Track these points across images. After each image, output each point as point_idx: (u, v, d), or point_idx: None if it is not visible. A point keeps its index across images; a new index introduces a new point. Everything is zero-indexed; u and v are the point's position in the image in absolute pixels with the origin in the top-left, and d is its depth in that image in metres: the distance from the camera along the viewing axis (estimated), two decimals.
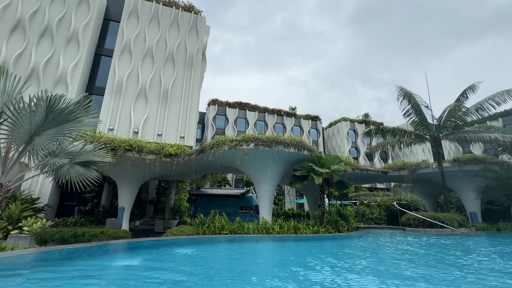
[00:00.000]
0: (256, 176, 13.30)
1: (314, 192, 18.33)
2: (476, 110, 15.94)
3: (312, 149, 13.52)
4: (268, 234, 10.62)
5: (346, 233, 12.28)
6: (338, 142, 44.84)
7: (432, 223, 13.66)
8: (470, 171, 16.37)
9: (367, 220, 20.13)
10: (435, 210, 22.07)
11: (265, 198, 13.26)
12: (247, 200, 18.08)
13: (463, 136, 16.18)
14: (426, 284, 4.08)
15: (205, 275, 4.42)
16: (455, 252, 7.57)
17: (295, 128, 41.54)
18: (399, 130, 18.45)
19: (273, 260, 6.35)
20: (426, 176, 17.94)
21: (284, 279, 4.16)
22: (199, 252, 7.06)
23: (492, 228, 14.99)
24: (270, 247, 8.39)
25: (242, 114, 38.67)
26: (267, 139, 12.04)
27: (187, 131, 18.45)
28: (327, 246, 8.58)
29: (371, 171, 17.95)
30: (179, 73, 19.55)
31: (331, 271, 4.96)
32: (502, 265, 5.88)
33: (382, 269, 5.27)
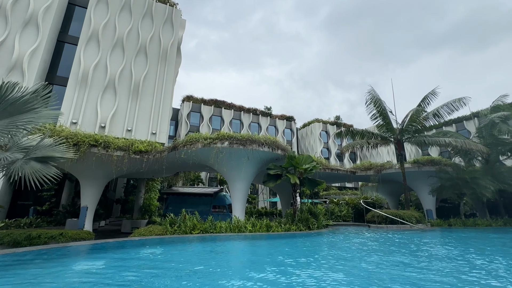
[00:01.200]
0: (230, 174, 13.23)
1: (287, 191, 18.71)
2: (433, 115, 17.39)
3: (285, 148, 13.78)
4: (241, 233, 10.63)
5: (316, 230, 12.72)
6: (311, 143, 46.24)
7: (394, 219, 14.68)
8: (427, 172, 17.86)
9: (336, 218, 21.04)
10: (397, 208, 23.75)
11: (239, 196, 13.25)
12: (221, 199, 17.93)
13: (422, 140, 17.59)
14: (378, 269, 4.39)
15: (174, 275, 4.30)
16: (409, 245, 8.22)
17: (270, 127, 42.02)
18: (367, 133, 19.55)
19: (242, 259, 6.38)
20: (389, 176, 19.21)
21: (251, 278, 4.20)
22: (168, 252, 6.86)
23: (444, 224, 16.50)
24: (241, 246, 8.41)
25: (217, 112, 38.20)
26: (242, 137, 12.03)
27: (159, 127, 17.78)
28: (297, 243, 8.81)
29: (341, 171, 18.79)
30: (151, 66, 18.74)
31: (297, 266, 5.11)
32: (444, 253, 6.52)
33: (347, 262, 5.55)
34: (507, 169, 17.95)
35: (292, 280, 4.08)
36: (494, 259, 6.13)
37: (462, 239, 10.76)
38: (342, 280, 4.15)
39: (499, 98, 19.02)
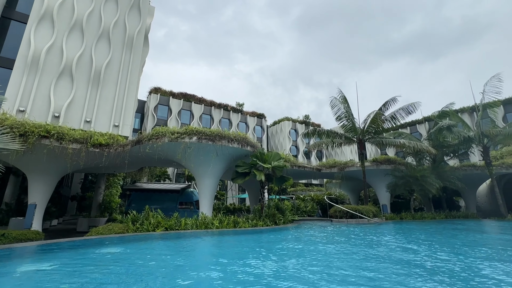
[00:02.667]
0: (197, 170, 12.98)
1: (255, 187, 18.93)
2: (391, 118, 18.85)
3: (255, 145, 13.90)
4: (207, 229, 10.52)
5: (283, 225, 13.10)
6: (281, 140, 47.24)
7: (354, 214, 15.70)
8: (384, 170, 19.37)
9: (301, 213, 21.85)
10: (357, 203, 25.41)
11: (206, 193, 13.08)
12: (188, 195, 17.52)
13: (381, 140, 19.02)
14: (338, 254, 4.72)
15: (133, 275, 4.12)
16: (361, 236, 8.91)
17: (241, 124, 41.99)
18: (332, 132, 20.56)
19: (205, 255, 6.34)
20: (352, 173, 20.47)
21: (212, 275, 4.20)
22: (128, 251, 6.53)
23: (397, 217, 18.10)
24: (206, 242, 8.33)
25: (187, 106, 37.07)
26: (211, 133, 11.86)
27: (123, 119, 16.71)
28: (262, 238, 8.99)
29: (308, 168, 19.52)
30: (115, 54, 17.47)
31: (260, 258, 5.23)
32: (383, 241, 7.21)
33: (308, 255, 5.83)
34: (450, 169, 20.24)
35: (255, 273, 4.17)
36: (422, 243, 6.94)
37: (405, 230, 11.91)
38: (299, 265, 4.36)
39: (446, 105, 21.30)
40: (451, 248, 6.89)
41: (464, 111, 36.30)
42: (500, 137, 18.46)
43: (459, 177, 19.24)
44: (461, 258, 5.49)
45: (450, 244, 7.73)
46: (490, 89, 18.29)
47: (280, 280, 3.80)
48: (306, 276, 4.01)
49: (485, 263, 5.03)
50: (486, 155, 18.93)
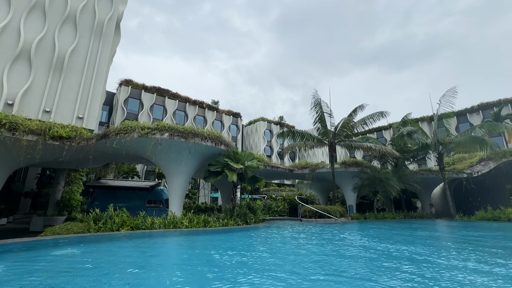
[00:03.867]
0: (168, 168, 12.58)
1: (228, 187, 18.82)
2: (360, 124, 19.91)
3: (229, 144, 13.82)
4: (176, 229, 10.25)
5: (254, 224, 13.19)
6: (256, 140, 47.51)
7: (322, 214, 16.32)
8: (351, 172, 20.38)
9: (273, 213, 22.18)
10: (326, 204, 26.42)
11: (177, 191, 12.73)
12: (157, 194, 16.91)
13: (350, 144, 20.01)
14: (305, 248, 4.89)
15: (93, 278, 3.88)
16: (325, 234, 9.32)
17: (216, 122, 41.47)
18: (306, 134, 21.19)
19: (168, 255, 6.17)
20: (322, 175, 21.24)
21: (174, 276, 4.12)
22: (87, 252, 6.12)
23: (361, 217, 19.15)
24: (172, 242, 8.11)
25: (160, 101, 35.70)
26: (184, 130, 11.56)
27: (88, 111, 15.60)
28: (233, 237, 8.98)
29: (280, 169, 19.87)
30: (82, 41, 16.25)
31: (231, 256, 5.23)
32: (348, 240, 7.65)
33: (276, 251, 5.95)
34: (409, 172, 21.90)
35: (222, 269, 4.15)
36: (373, 239, 7.47)
37: (364, 228, 12.65)
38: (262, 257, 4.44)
39: (406, 115, 23.04)
40: (393, 241, 7.49)
41: (424, 120, 39.50)
42: (452, 145, 20.39)
43: (417, 180, 20.90)
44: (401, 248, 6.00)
45: (393, 238, 8.37)
46: (446, 101, 20.12)
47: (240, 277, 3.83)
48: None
49: (409, 248, 5.55)
50: (440, 161, 20.78)
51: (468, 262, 5.16)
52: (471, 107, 38.18)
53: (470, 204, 23.88)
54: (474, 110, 37.91)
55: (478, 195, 22.72)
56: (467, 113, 38.46)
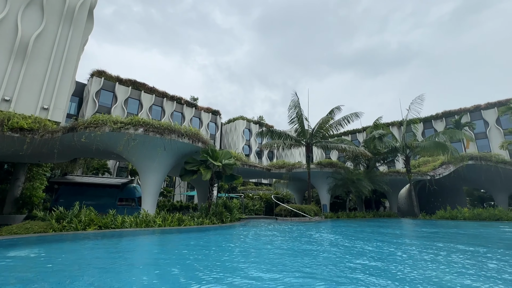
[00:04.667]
0: (141, 164, 12.13)
1: (204, 185, 18.56)
2: (336, 125, 20.63)
3: (206, 141, 13.63)
4: (149, 228, 9.90)
5: (229, 223, 13.13)
6: (234, 139, 47.33)
7: (297, 213, 16.68)
8: (326, 172, 21.06)
9: (249, 212, 22.26)
10: (301, 203, 27.04)
11: (150, 189, 12.32)
12: (129, 191, 16.20)
13: (326, 145, 20.65)
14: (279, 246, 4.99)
15: (54, 280, 3.62)
16: (301, 232, 9.58)
17: (194, 119, 40.66)
18: (284, 134, 21.52)
19: (138, 255, 5.95)
20: (298, 174, 21.71)
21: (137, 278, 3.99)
22: (48, 253, 5.71)
23: (334, 216, 19.88)
24: (143, 241, 7.84)
25: (135, 95, 34.23)
26: (160, 125, 11.20)
27: (54, 102, 14.53)
28: (208, 236, 8.87)
29: (258, 168, 19.98)
30: (50, 25, 15.09)
31: (204, 255, 5.17)
32: (316, 237, 7.95)
33: (249, 248, 5.99)
34: (379, 174, 23.10)
35: (193, 269, 4.09)
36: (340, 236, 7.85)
37: (334, 226, 13.19)
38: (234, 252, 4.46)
39: (377, 119, 24.30)
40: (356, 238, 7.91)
41: (394, 124, 41.83)
42: (418, 149, 21.84)
43: (386, 181, 22.11)
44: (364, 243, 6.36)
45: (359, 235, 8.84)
46: (414, 108, 21.51)
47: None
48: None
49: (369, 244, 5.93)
50: (407, 163, 22.18)
51: (411, 252, 6.30)
52: (436, 114, 41.15)
53: (432, 204, 25.76)
54: (439, 117, 40.90)
55: (439, 196, 24.58)
56: (432, 119, 41.39)
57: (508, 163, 20.51)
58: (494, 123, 36.03)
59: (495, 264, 4.77)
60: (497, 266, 4.62)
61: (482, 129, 36.78)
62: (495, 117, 35.86)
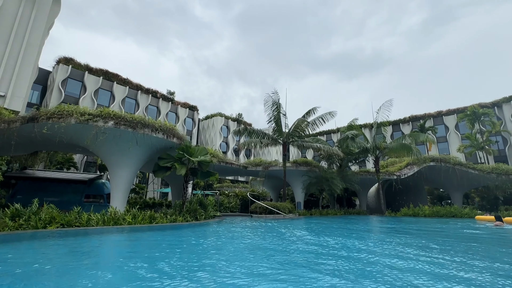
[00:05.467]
0: (111, 159, 11.54)
1: (179, 182, 18.10)
2: (312, 124, 21.17)
3: (182, 137, 13.30)
4: (117, 226, 9.46)
5: (204, 221, 12.97)
6: (212, 135, 46.72)
7: (272, 210, 16.92)
8: (301, 171, 21.58)
9: (224, 209, 22.17)
10: (277, 200, 27.47)
11: (121, 185, 11.77)
12: (98, 187, 15.35)
13: (302, 144, 21.15)
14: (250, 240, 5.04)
15: (5, 284, 3.32)
16: (269, 228, 9.77)
17: (170, 114, 39.44)
18: (262, 133, 21.66)
19: (103, 255, 5.68)
20: (275, 172, 22.00)
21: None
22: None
23: (308, 213, 20.46)
24: (111, 240, 7.49)
25: (107, 86, 32.36)
26: (132, 119, 10.72)
27: (13, 89, 13.29)
28: (181, 234, 8.69)
29: (234, 165, 19.93)
30: (9, 5, 13.73)
31: (177, 253, 5.06)
32: (282, 233, 8.19)
33: (223, 245, 5.97)
34: (351, 173, 24.16)
35: (160, 267, 3.99)
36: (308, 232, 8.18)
37: (307, 223, 13.64)
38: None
39: (352, 120, 25.38)
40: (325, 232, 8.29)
41: (366, 126, 43.87)
42: (387, 150, 23.16)
43: (357, 180, 23.19)
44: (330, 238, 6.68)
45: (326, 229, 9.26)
46: (383, 111, 22.75)
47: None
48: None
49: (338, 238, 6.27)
50: (376, 163, 23.43)
51: (367, 243, 7.26)
52: (404, 118, 43.88)
53: (398, 202, 27.46)
54: (406, 121, 43.66)
55: (404, 195, 26.27)
56: (400, 123, 44.09)
57: (464, 165, 22.48)
58: (453, 128, 39.25)
59: (430, 255, 5.28)
60: (434, 255, 5.24)
61: (443, 133, 39.94)
62: (454, 122, 39.07)
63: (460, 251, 6.06)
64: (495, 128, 28.84)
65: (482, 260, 5.08)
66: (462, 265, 4.51)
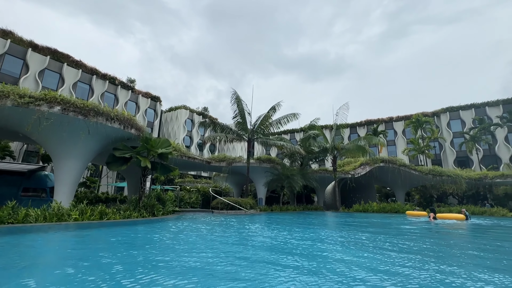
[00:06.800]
0: (56, 149, 10.41)
1: (136, 176, 17.04)
2: (277, 123, 21.67)
3: (141, 128, 12.57)
4: (61, 222, 8.59)
5: (161, 216, 12.47)
6: (175, 128, 44.94)
7: (233, 206, 16.97)
8: (264, 168, 21.99)
9: (185, 204, 21.58)
10: (239, 196, 27.60)
11: (67, 178, 10.70)
12: (39, 180, 13.70)
13: (266, 141, 21.53)
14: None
15: None
16: (229, 224, 9.86)
17: (130, 103, 36.84)
18: (227, 127, 21.50)
19: (40, 254, 5.14)
20: (238, 168, 22.04)
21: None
22: None
23: (268, 209, 20.97)
24: (51, 238, 6.79)
25: (55, 67, 28.91)
26: (84, 105, 9.78)
27: None
28: (131, 230, 8.23)
29: (197, 160, 19.46)
30: None
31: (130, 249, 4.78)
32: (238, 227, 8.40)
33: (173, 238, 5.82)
34: (311, 171, 25.37)
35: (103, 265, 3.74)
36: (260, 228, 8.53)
37: (266, 218, 14.07)
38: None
39: (313, 120, 26.63)
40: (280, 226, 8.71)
41: (327, 127, 46.37)
42: (344, 151, 24.81)
43: (316, 178, 24.44)
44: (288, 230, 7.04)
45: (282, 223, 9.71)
46: (341, 114, 24.30)
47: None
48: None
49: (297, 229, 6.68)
50: (334, 163, 24.96)
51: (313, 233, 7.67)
52: (360, 122, 47.47)
53: (351, 199, 29.67)
54: (362, 125, 47.29)
55: (356, 192, 28.46)
56: (357, 126, 47.59)
57: (407, 167, 25.17)
58: (401, 133, 43.67)
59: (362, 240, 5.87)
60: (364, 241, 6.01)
61: (392, 137, 44.21)
62: (402, 128, 43.48)
63: (379, 236, 7.44)
64: (434, 135, 32.81)
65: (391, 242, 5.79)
66: (377, 245, 5.82)
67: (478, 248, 6.33)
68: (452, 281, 3.41)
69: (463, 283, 3.35)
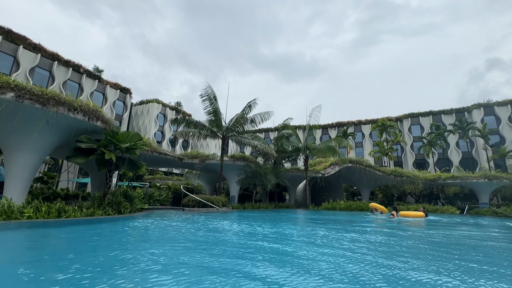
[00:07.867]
0: (8, 140, 9.44)
1: (101, 171, 16.08)
2: (251, 121, 21.74)
3: (108, 121, 11.85)
4: (11, 220, 7.81)
5: (129, 214, 11.89)
6: (146, 123, 43.07)
7: (205, 203, 16.74)
8: (238, 165, 21.99)
9: (154, 202, 20.82)
10: (212, 194, 27.28)
11: (20, 172, 9.75)
12: None
13: (240, 140, 21.51)
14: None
15: None
16: (199, 221, 9.77)
17: (97, 93, 34.52)
18: (201, 124, 21.09)
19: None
20: (211, 166, 21.77)
21: None
22: None
23: (241, 207, 21.02)
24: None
25: (9, 49, 26.06)
26: (42, 93, 8.97)
27: None
28: (93, 229, 7.76)
29: (169, 156, 18.88)
30: None
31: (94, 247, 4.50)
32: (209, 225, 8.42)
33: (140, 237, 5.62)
34: (283, 170, 25.92)
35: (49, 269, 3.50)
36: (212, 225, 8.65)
37: (237, 216, 14.15)
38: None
39: (286, 119, 27.23)
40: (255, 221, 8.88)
41: (300, 127, 47.60)
42: (315, 151, 25.69)
43: (288, 177, 25.02)
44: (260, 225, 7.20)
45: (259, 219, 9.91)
46: (314, 115, 25.14)
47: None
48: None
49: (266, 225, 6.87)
50: (306, 162, 25.74)
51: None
52: (331, 123, 49.49)
53: (321, 198, 30.87)
54: (333, 126, 49.35)
55: (326, 191, 29.67)
56: (329, 127, 49.56)
57: (372, 167, 26.81)
58: (368, 136, 46.39)
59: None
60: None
61: (360, 139, 46.80)
62: (369, 131, 46.21)
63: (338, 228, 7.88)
64: (397, 138, 35.35)
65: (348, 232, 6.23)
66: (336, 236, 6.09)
67: (431, 242, 6.99)
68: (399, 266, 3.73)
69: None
